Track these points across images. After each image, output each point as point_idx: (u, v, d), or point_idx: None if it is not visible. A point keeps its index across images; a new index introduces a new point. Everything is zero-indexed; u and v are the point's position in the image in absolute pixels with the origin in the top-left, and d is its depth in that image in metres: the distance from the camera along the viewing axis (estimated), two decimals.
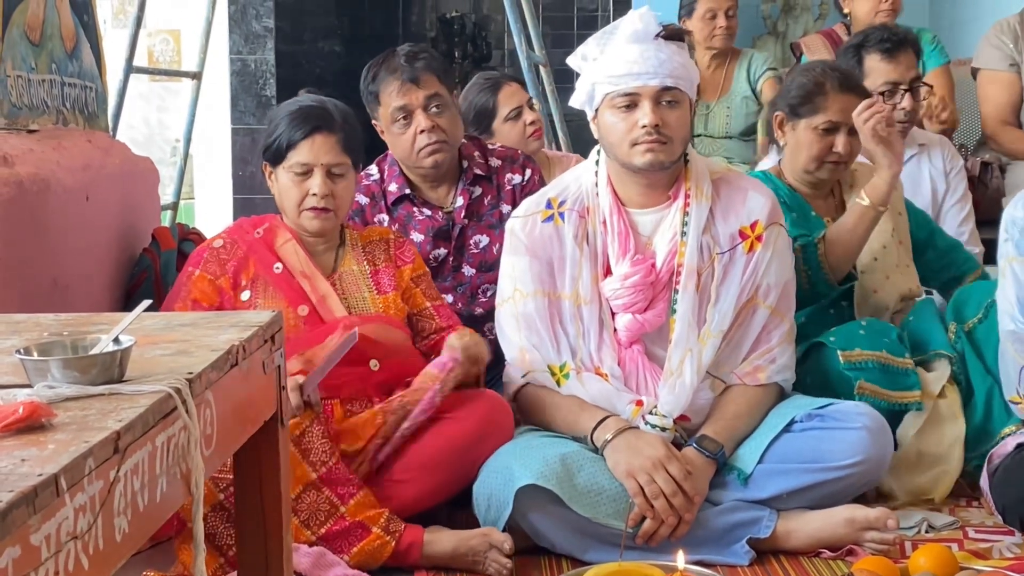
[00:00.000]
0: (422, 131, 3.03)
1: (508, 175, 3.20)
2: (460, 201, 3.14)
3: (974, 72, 4.32)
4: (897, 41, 3.52)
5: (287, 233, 2.77)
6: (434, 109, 3.04)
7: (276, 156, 2.72)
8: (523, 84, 3.82)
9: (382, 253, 2.83)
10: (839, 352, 2.81)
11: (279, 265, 2.73)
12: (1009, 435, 2.74)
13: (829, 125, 3.03)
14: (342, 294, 2.74)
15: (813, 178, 3.10)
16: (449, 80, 3.13)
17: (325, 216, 2.71)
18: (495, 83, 3.71)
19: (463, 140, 3.23)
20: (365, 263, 2.81)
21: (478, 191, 3.17)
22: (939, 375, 2.91)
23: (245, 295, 2.70)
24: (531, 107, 3.70)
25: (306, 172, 2.68)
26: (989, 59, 4.22)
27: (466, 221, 3.15)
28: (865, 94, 3.09)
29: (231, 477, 1.88)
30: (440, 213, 3.17)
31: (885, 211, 2.99)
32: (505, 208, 3.10)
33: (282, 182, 2.72)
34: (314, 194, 2.68)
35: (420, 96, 3.03)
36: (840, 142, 3.03)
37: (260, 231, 2.79)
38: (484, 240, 3.14)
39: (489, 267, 3.05)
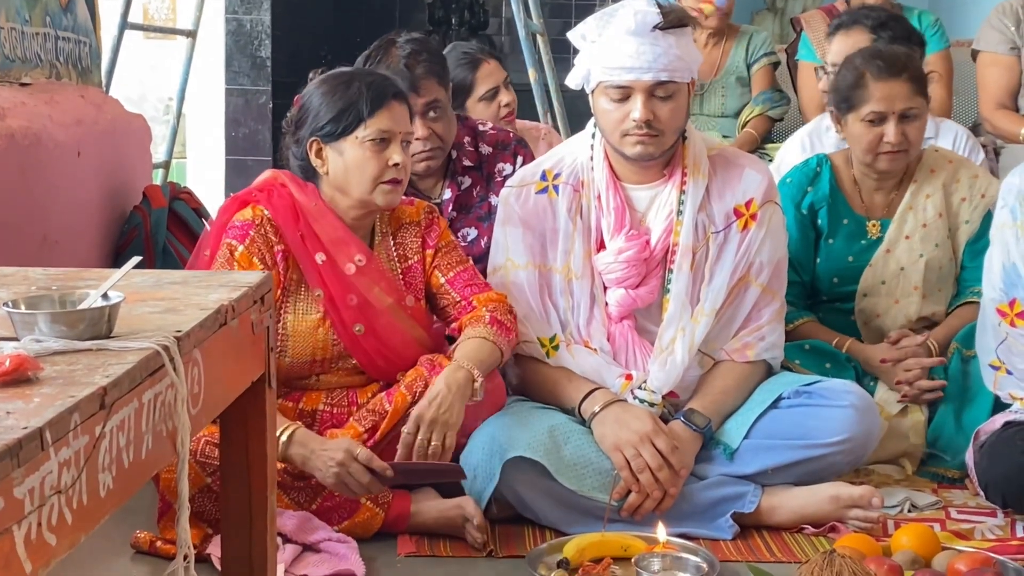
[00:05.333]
0: (417, 138, 2.92)
1: (499, 165, 3.09)
2: (448, 193, 3.05)
3: (974, 54, 4.30)
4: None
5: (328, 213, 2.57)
6: (431, 115, 2.94)
7: (346, 128, 2.50)
8: (501, 61, 3.73)
9: (414, 241, 2.66)
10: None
11: (322, 255, 2.55)
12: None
13: (874, 116, 2.95)
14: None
15: (874, 170, 3.04)
16: (447, 78, 3.03)
17: (399, 189, 2.55)
18: (474, 60, 3.57)
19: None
20: (396, 258, 2.65)
21: (467, 182, 3.08)
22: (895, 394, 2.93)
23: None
24: (507, 86, 3.63)
25: (385, 141, 2.51)
26: (989, 41, 4.20)
27: (454, 214, 3.05)
28: (914, 79, 2.97)
29: (218, 462, 1.87)
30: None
31: None
32: (494, 200, 2.97)
33: (352, 156, 2.50)
34: (395, 164, 2.49)
35: (419, 103, 2.89)
36: (890, 131, 2.94)
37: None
38: (472, 233, 3.05)
39: (476, 260, 2.92)
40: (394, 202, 2.57)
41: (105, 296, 1.43)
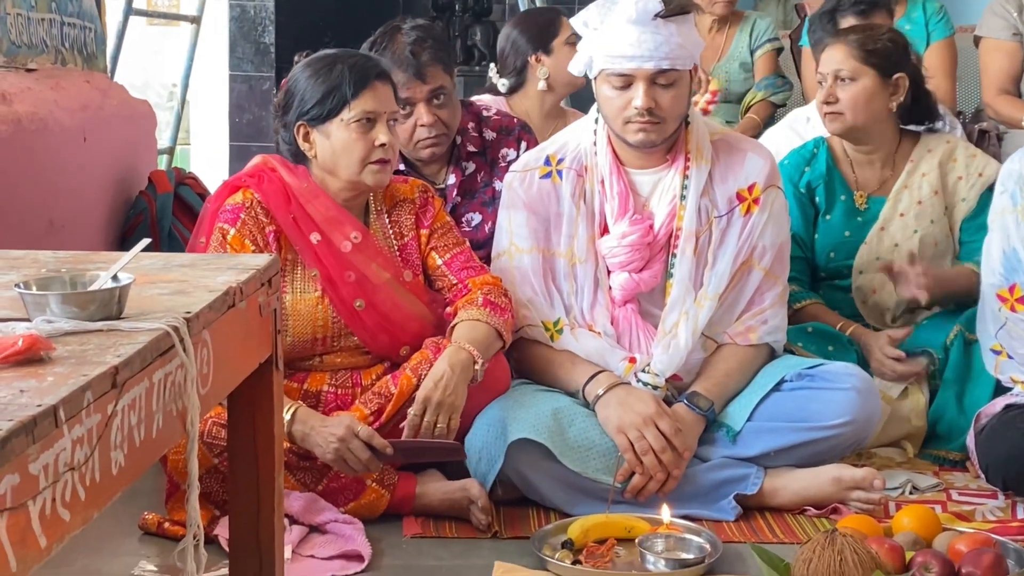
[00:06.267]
0: (422, 125, 2.93)
1: (503, 150, 3.10)
2: (452, 179, 3.05)
3: (976, 40, 4.31)
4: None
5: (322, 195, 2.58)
6: (436, 101, 2.93)
7: (331, 111, 2.51)
8: None
9: (408, 218, 2.68)
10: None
11: (317, 235, 2.55)
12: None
13: (820, 77, 3.07)
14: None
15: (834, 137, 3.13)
16: (452, 64, 3.03)
17: (388, 168, 2.56)
18: (558, 10, 3.93)
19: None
20: (392, 235, 2.66)
21: (471, 167, 3.08)
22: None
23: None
24: None
25: (371, 121, 2.52)
26: (992, 28, 4.21)
27: (458, 199, 3.05)
28: (860, 45, 3.03)
29: (225, 444, 1.89)
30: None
31: None
32: (498, 185, 2.97)
33: (339, 138, 2.52)
34: (381, 144, 2.50)
35: (424, 90, 2.90)
36: (821, 92, 3.05)
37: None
38: (476, 218, 3.06)
39: (480, 245, 2.94)
40: (383, 182, 2.58)
41: (115, 278, 1.44)
